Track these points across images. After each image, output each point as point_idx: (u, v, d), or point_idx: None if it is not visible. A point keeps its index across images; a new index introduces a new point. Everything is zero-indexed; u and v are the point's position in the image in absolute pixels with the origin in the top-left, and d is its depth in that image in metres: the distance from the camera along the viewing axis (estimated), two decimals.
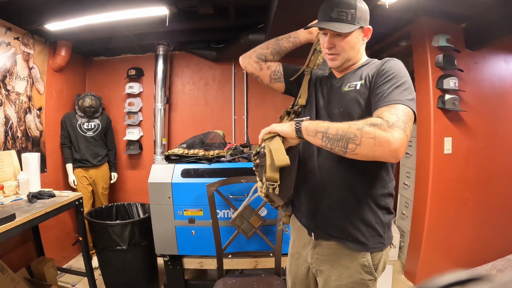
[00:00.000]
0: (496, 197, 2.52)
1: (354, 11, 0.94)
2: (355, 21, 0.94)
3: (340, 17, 0.93)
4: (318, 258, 1.04)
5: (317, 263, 1.05)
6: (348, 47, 0.97)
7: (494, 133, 2.46)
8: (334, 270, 1.00)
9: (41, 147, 2.56)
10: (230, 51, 3.05)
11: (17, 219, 1.49)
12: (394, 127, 0.76)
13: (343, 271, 0.98)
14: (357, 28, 0.94)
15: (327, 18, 0.95)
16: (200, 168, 1.97)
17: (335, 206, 0.98)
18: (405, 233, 2.67)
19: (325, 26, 0.93)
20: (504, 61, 2.53)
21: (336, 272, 1.00)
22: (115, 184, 3.13)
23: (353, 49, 0.98)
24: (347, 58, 0.98)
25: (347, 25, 0.93)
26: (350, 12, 0.93)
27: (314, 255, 1.05)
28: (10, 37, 2.20)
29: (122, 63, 3.29)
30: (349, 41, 0.96)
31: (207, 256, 2.00)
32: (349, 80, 1.00)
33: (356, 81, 0.97)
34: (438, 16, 2.20)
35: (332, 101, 1.02)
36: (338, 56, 0.98)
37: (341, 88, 1.00)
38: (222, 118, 3.33)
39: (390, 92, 0.85)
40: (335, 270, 1.00)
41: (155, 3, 2.10)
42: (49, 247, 2.45)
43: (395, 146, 0.74)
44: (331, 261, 1.01)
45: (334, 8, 0.93)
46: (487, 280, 0.30)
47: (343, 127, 0.80)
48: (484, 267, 2.54)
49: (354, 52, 0.99)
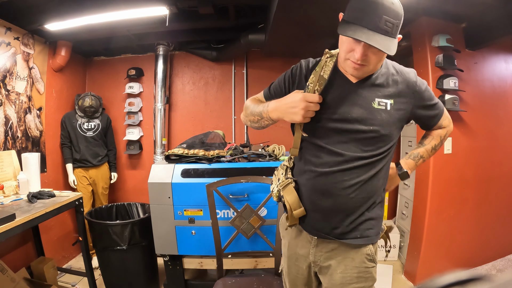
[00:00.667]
0: (496, 197, 2.52)
1: (399, 22, 0.82)
2: (396, 34, 0.83)
3: (386, 28, 0.79)
4: (322, 255, 1.04)
5: (321, 260, 1.05)
6: (378, 60, 0.89)
7: (494, 133, 2.46)
8: (339, 264, 1.01)
9: (41, 147, 2.56)
10: (230, 51, 3.05)
11: (17, 219, 1.49)
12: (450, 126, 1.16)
13: (349, 263, 1.01)
14: (397, 40, 0.85)
15: (372, 26, 0.79)
16: (200, 168, 1.97)
17: (341, 209, 0.98)
18: (405, 233, 2.67)
19: (374, 44, 0.79)
20: (504, 61, 2.53)
21: (341, 265, 1.01)
22: (115, 184, 3.13)
23: (380, 61, 0.91)
24: (371, 70, 0.93)
25: (392, 41, 0.82)
26: (396, 23, 0.81)
27: (318, 252, 1.05)
28: (10, 37, 2.20)
29: (122, 63, 3.29)
30: (382, 56, 0.88)
31: (207, 256, 2.00)
32: (376, 94, 0.95)
33: (385, 98, 0.96)
34: (438, 16, 2.20)
35: (354, 110, 0.95)
36: (364, 67, 0.89)
37: (367, 100, 0.95)
38: (222, 118, 3.33)
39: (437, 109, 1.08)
40: (341, 264, 1.01)
41: (155, 3, 2.10)
42: (49, 247, 2.46)
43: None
44: (336, 256, 1.02)
45: (383, 16, 0.78)
46: (487, 280, 0.30)
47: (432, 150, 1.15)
48: (484, 267, 2.54)
49: (380, 64, 0.94)
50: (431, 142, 1.14)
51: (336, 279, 1.02)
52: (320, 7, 1.84)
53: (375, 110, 0.94)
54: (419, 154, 1.13)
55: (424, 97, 1.02)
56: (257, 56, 3.26)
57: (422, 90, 1.00)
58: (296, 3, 1.83)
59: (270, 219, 1.82)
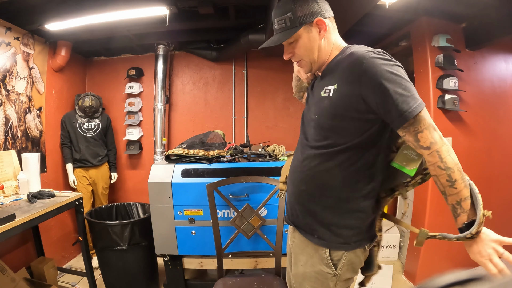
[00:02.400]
0: (496, 197, 2.51)
1: (290, 13, 0.90)
2: (296, 23, 0.90)
3: (280, 26, 0.92)
4: (294, 242, 1.10)
5: (292, 245, 1.11)
6: (304, 50, 0.94)
7: (494, 133, 2.46)
8: (302, 256, 1.05)
9: (41, 147, 2.56)
10: (230, 51, 3.05)
11: (17, 219, 1.49)
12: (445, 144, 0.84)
13: (308, 259, 1.02)
14: (298, 29, 0.90)
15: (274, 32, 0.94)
16: (200, 168, 1.97)
17: (303, 205, 1.02)
18: (405, 233, 2.67)
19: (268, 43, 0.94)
20: (504, 61, 2.53)
21: (303, 258, 1.04)
22: (115, 184, 3.13)
23: (311, 50, 0.93)
24: (311, 61, 0.96)
25: (286, 32, 0.91)
26: (286, 17, 0.90)
27: (292, 238, 1.12)
28: (10, 37, 2.20)
29: (122, 63, 3.29)
30: (301, 45, 0.93)
31: (207, 256, 2.00)
32: (325, 82, 0.95)
33: (330, 84, 0.91)
34: (438, 16, 2.20)
35: (311, 104, 1.01)
36: (302, 61, 0.97)
37: (318, 91, 0.97)
38: (222, 118, 3.33)
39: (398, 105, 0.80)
40: (303, 256, 1.04)
41: (155, 3, 2.10)
42: (49, 247, 2.46)
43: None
44: (301, 247, 1.05)
45: (275, 19, 0.93)
46: (487, 280, 0.30)
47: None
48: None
49: (314, 51, 0.94)
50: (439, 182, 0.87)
51: (299, 270, 1.05)
52: None
53: (320, 98, 0.95)
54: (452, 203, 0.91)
55: (372, 81, 0.81)
56: (257, 56, 3.26)
57: (372, 72, 0.81)
58: None
59: (270, 219, 1.82)
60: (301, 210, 1.03)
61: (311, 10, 0.90)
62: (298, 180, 1.02)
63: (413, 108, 0.82)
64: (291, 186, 1.06)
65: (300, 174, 1.01)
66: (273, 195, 1.69)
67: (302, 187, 1.00)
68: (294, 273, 1.08)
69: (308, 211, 1.01)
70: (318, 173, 0.95)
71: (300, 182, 1.01)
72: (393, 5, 1.89)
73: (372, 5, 1.88)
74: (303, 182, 1.00)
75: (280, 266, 1.70)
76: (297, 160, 1.04)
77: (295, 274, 1.07)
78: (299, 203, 1.03)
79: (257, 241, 1.88)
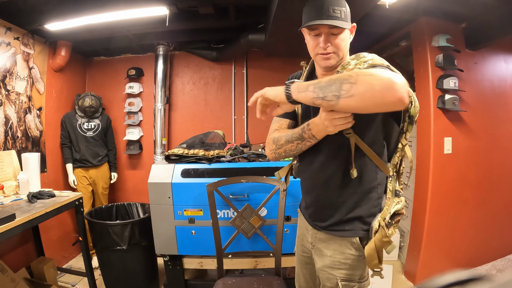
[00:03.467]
0: (496, 197, 2.52)
1: (345, 9, 0.96)
2: (347, 19, 0.96)
3: (335, 14, 0.93)
4: (317, 237, 1.13)
5: (316, 241, 1.13)
6: (343, 45, 0.97)
7: (494, 133, 2.46)
8: (328, 248, 1.08)
9: (41, 147, 2.56)
10: (230, 51, 3.05)
11: (17, 219, 1.49)
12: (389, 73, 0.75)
13: (336, 248, 1.06)
14: (349, 25, 0.97)
15: (323, 16, 0.93)
16: (200, 168, 1.97)
17: (326, 204, 1.07)
18: (405, 233, 2.67)
19: (327, 22, 0.91)
20: (504, 61, 2.53)
21: (331, 249, 1.08)
22: (115, 184, 3.13)
23: (346, 47, 0.99)
24: (341, 57, 0.99)
25: (344, 22, 0.94)
26: (343, 10, 0.95)
27: (314, 234, 1.14)
28: (10, 37, 2.20)
29: (122, 63, 3.29)
30: (343, 38, 0.97)
31: (207, 256, 2.00)
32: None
33: None
34: (438, 16, 2.20)
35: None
36: (333, 54, 0.97)
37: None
38: (222, 118, 3.33)
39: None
40: (330, 247, 1.08)
41: (155, 3, 2.10)
42: (49, 247, 2.45)
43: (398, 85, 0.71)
44: (327, 240, 1.09)
45: (329, 6, 0.93)
46: (487, 280, 0.30)
47: (337, 75, 0.79)
48: (484, 267, 2.54)
49: (346, 50, 1.00)
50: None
51: (326, 262, 1.09)
52: None
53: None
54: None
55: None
56: (257, 56, 3.26)
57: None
58: (296, 3, 1.82)
59: (270, 219, 1.82)
60: (327, 208, 1.07)
61: (350, 16, 0.99)
62: (322, 181, 1.06)
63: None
64: (314, 189, 1.10)
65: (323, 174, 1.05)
66: (273, 195, 1.69)
67: (328, 189, 1.05)
68: (321, 266, 1.11)
69: (335, 207, 1.05)
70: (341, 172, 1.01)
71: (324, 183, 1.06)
72: (393, 5, 1.89)
73: (372, 5, 1.88)
74: (327, 182, 1.05)
75: (280, 266, 1.70)
76: (318, 163, 1.06)
77: (321, 267, 1.10)
78: (325, 202, 1.08)
79: (257, 241, 1.88)
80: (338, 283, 1.05)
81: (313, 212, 1.13)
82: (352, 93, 0.72)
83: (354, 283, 1.04)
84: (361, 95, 0.72)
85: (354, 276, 1.04)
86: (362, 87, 0.72)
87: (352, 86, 0.72)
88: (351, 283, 1.04)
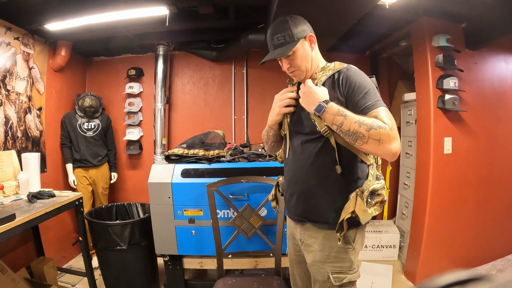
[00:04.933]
0: (496, 197, 2.52)
1: (289, 30, 1.08)
2: (294, 38, 1.08)
3: (279, 42, 1.09)
4: (306, 233, 1.18)
5: (305, 238, 1.18)
6: (300, 61, 1.11)
7: (494, 133, 2.46)
8: (317, 244, 1.14)
9: (41, 147, 2.56)
10: (230, 51, 3.05)
11: (17, 219, 1.49)
12: (393, 134, 0.94)
13: (326, 243, 1.12)
14: (297, 43, 1.08)
15: (272, 47, 1.12)
16: (200, 168, 1.97)
17: (311, 197, 1.14)
18: (405, 233, 2.67)
19: (272, 56, 1.10)
20: (504, 61, 2.53)
21: (319, 244, 1.13)
22: (115, 184, 3.13)
23: (306, 60, 1.12)
24: (305, 69, 1.13)
25: (288, 45, 1.08)
26: (286, 34, 1.08)
27: (302, 231, 1.20)
28: (10, 37, 2.20)
29: (122, 63, 3.29)
30: (298, 56, 1.10)
31: (207, 256, 2.00)
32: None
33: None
34: (438, 16, 2.20)
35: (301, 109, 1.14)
36: (297, 72, 1.13)
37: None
38: (222, 118, 3.33)
39: (368, 98, 1.00)
40: (318, 242, 1.14)
41: (155, 3, 2.10)
42: (49, 247, 2.46)
43: (394, 151, 0.95)
44: (316, 235, 1.14)
45: (273, 37, 1.10)
46: (487, 280, 0.30)
47: (354, 126, 0.95)
48: (484, 267, 2.54)
49: (308, 61, 1.12)
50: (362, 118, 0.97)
51: (317, 258, 1.14)
52: (320, 7, 1.84)
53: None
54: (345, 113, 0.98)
55: (345, 81, 1.07)
56: (257, 56, 3.25)
57: (349, 78, 1.06)
58: (296, 3, 1.82)
59: (270, 219, 1.82)
60: (313, 202, 1.13)
61: (303, 28, 1.11)
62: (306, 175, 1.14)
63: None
64: (299, 184, 1.16)
65: (307, 169, 1.13)
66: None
67: (312, 181, 1.12)
68: (311, 262, 1.15)
69: (320, 201, 1.12)
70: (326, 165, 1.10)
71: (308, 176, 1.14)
72: (393, 5, 1.89)
73: (372, 5, 1.88)
74: (311, 176, 1.13)
75: (280, 266, 1.70)
76: (300, 159, 1.16)
77: (312, 262, 1.15)
78: (310, 196, 1.14)
79: (257, 241, 1.88)
80: (329, 276, 1.10)
81: (296, 203, 1.18)
82: (362, 147, 0.98)
83: (345, 275, 1.10)
84: (368, 151, 1.00)
85: (344, 268, 1.10)
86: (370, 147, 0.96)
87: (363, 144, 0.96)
88: (342, 275, 1.10)
